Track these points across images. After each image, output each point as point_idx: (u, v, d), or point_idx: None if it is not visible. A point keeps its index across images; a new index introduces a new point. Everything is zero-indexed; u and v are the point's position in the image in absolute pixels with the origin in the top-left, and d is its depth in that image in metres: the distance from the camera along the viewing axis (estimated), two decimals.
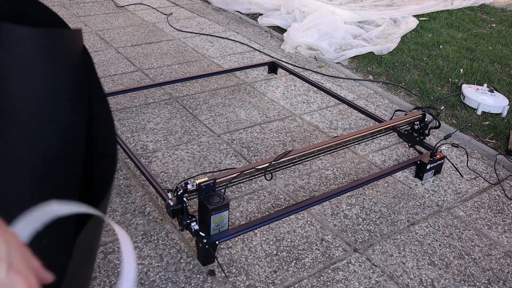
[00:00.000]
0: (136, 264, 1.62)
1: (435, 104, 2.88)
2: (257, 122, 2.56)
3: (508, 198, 2.09)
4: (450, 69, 3.36)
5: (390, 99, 2.92)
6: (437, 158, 2.14)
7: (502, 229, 1.91)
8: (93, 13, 4.22)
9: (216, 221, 1.58)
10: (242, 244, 1.73)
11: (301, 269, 1.64)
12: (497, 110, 2.80)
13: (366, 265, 1.68)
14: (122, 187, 1.98)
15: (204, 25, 4.06)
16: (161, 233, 1.76)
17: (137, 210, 1.86)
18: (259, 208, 1.92)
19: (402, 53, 3.62)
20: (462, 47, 3.80)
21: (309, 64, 3.35)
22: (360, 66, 3.38)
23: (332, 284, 1.59)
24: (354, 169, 2.21)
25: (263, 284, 1.57)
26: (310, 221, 1.87)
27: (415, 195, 2.07)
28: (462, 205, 2.03)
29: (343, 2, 4.51)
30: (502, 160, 2.34)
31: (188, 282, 1.56)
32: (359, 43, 3.60)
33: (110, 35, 3.71)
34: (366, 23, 4.09)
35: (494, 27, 4.41)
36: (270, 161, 1.79)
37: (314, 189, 2.05)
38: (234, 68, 2.97)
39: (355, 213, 1.93)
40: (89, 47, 3.44)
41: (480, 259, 1.75)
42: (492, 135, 2.57)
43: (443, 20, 4.47)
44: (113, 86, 2.86)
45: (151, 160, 2.17)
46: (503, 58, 3.62)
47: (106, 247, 1.68)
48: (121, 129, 2.41)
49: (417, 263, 1.70)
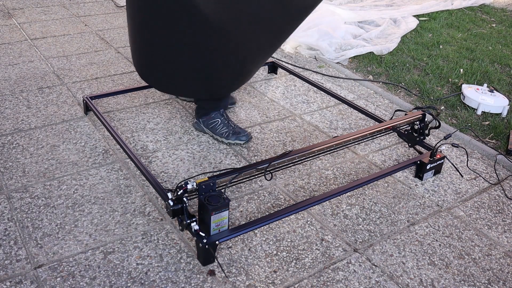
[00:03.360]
0: (136, 264, 1.62)
1: (435, 104, 2.88)
2: (257, 122, 2.56)
3: (508, 198, 2.09)
4: (450, 69, 3.36)
5: (390, 99, 2.92)
6: (437, 158, 2.14)
7: (502, 229, 1.91)
8: (93, 13, 4.22)
9: (216, 221, 1.58)
10: (242, 244, 1.73)
11: (301, 269, 1.64)
12: (497, 110, 2.80)
13: (366, 265, 1.68)
14: (122, 187, 1.99)
15: None
16: (161, 233, 1.76)
17: (137, 210, 1.86)
18: (259, 208, 1.92)
19: (402, 53, 3.62)
20: (462, 47, 3.80)
21: (309, 64, 3.35)
22: (360, 66, 3.38)
23: (332, 284, 1.59)
24: (354, 169, 2.21)
25: (263, 284, 1.57)
26: (310, 221, 1.87)
27: (415, 195, 2.07)
28: (462, 205, 2.03)
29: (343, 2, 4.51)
30: (502, 160, 2.34)
31: (188, 282, 1.56)
32: (359, 43, 3.60)
33: (110, 35, 3.71)
34: (366, 23, 4.09)
35: (494, 27, 4.41)
36: (270, 161, 1.79)
37: (314, 189, 2.05)
38: None
39: (355, 213, 1.93)
40: (89, 47, 3.44)
41: (480, 259, 1.75)
42: (492, 135, 2.57)
43: (443, 20, 4.47)
44: (113, 86, 2.86)
45: (151, 160, 2.17)
46: (503, 58, 3.62)
47: (106, 247, 1.68)
48: (121, 129, 2.41)
49: (417, 263, 1.70)
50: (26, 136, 2.31)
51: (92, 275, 1.56)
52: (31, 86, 2.82)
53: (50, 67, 3.08)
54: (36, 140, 2.28)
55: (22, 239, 1.69)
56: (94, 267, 1.60)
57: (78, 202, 1.89)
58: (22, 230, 1.74)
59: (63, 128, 2.40)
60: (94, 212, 1.84)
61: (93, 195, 1.93)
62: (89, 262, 1.62)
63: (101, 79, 2.96)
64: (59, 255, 1.64)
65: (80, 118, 2.49)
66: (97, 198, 1.92)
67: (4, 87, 2.79)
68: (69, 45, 3.45)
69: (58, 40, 3.55)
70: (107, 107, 2.61)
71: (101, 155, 2.20)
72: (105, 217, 1.82)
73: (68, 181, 2.01)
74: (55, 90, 2.78)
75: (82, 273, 1.57)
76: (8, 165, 2.09)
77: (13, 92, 2.73)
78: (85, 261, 1.62)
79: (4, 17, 3.98)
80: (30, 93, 2.73)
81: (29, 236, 1.71)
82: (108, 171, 2.08)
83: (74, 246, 1.68)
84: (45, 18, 4.01)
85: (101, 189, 1.97)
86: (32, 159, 2.13)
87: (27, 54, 3.26)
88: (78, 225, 1.77)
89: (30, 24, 3.84)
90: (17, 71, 3.01)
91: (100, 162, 2.14)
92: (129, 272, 1.59)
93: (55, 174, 2.05)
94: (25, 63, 3.12)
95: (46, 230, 1.74)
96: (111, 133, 2.18)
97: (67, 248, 1.67)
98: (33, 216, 1.80)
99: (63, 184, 1.99)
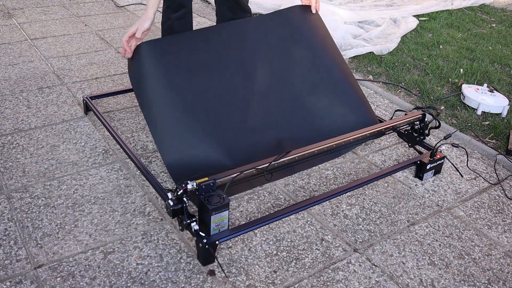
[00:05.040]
0: (136, 264, 1.62)
1: (435, 104, 2.88)
2: None
3: (508, 198, 2.10)
4: (450, 69, 3.36)
5: (390, 99, 2.92)
6: (437, 158, 2.14)
7: (502, 229, 1.91)
8: (93, 13, 4.22)
9: (216, 221, 1.58)
10: (242, 244, 1.73)
11: (301, 269, 1.64)
12: (497, 110, 2.80)
13: (366, 265, 1.68)
14: (122, 187, 1.99)
15: (204, 25, 4.06)
16: (161, 233, 1.76)
17: (137, 210, 1.86)
18: (259, 208, 1.92)
19: (402, 53, 3.62)
20: (462, 47, 3.80)
21: None
22: (360, 66, 3.38)
23: (332, 284, 1.59)
24: (354, 169, 2.21)
25: (263, 284, 1.57)
26: (310, 221, 1.87)
27: (415, 195, 2.07)
28: (462, 205, 2.03)
29: (343, 2, 4.51)
30: (502, 160, 2.34)
31: (188, 282, 1.56)
32: (359, 43, 3.60)
33: (110, 35, 3.71)
34: (366, 23, 4.09)
35: (494, 27, 4.41)
36: (270, 161, 1.79)
37: (314, 189, 2.05)
38: None
39: (355, 213, 1.93)
40: (89, 47, 3.44)
41: (480, 259, 1.75)
42: (492, 135, 2.57)
43: (443, 20, 4.47)
44: (113, 86, 2.86)
45: (151, 160, 2.17)
46: (503, 58, 3.62)
47: (106, 247, 1.68)
48: (121, 129, 2.41)
49: (417, 263, 1.70)
50: (26, 136, 2.31)
51: (92, 275, 1.56)
52: (31, 86, 2.82)
53: (50, 67, 3.08)
54: (36, 140, 2.28)
55: (22, 239, 1.69)
56: (94, 267, 1.60)
57: (78, 202, 1.89)
58: (22, 230, 1.74)
59: (63, 128, 2.40)
60: (94, 212, 1.84)
61: (93, 195, 1.93)
62: (89, 262, 1.62)
63: (101, 79, 2.96)
64: (59, 255, 1.64)
65: (80, 118, 2.49)
66: (97, 198, 1.92)
67: (4, 87, 2.79)
68: (69, 45, 3.45)
69: (58, 40, 3.55)
70: (107, 107, 2.61)
71: (101, 155, 2.20)
72: (105, 217, 1.82)
73: (68, 181, 2.01)
74: (55, 90, 2.78)
75: (82, 273, 1.57)
76: (8, 165, 2.09)
77: (13, 92, 2.73)
78: (85, 261, 1.62)
79: (4, 17, 3.98)
80: (30, 93, 2.73)
81: (29, 236, 1.71)
82: (108, 171, 2.08)
83: (74, 246, 1.68)
84: (45, 18, 4.01)
85: (101, 189, 1.97)
86: (32, 159, 2.14)
87: (27, 54, 3.27)
88: (78, 225, 1.77)
89: (30, 24, 3.84)
90: (17, 71, 3.01)
91: (100, 162, 2.14)
92: (129, 272, 1.59)
93: (55, 174, 2.05)
94: (25, 63, 3.12)
95: (46, 230, 1.74)
96: (111, 133, 2.19)
97: (67, 248, 1.67)
98: (33, 216, 1.80)
99: (63, 184, 1.99)
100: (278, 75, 2.18)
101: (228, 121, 2.01)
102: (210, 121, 1.97)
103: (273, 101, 2.12)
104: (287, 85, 2.18)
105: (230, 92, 2.06)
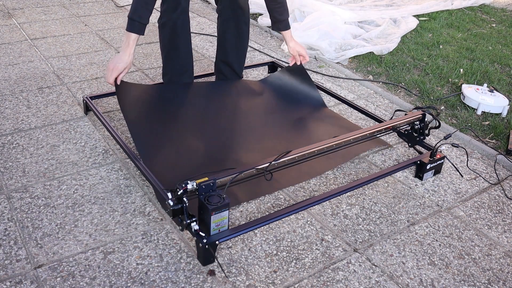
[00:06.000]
0: (136, 264, 1.62)
1: (435, 104, 2.88)
2: None
3: (508, 198, 2.10)
4: (450, 69, 3.36)
5: (390, 99, 2.92)
6: (437, 158, 2.14)
7: (502, 229, 1.91)
8: (93, 13, 4.22)
9: (216, 221, 1.58)
10: (242, 244, 1.73)
11: (301, 269, 1.64)
12: (497, 110, 2.80)
13: (366, 265, 1.68)
14: (122, 187, 1.99)
15: (204, 25, 4.06)
16: (161, 233, 1.76)
17: (137, 210, 1.86)
18: (259, 208, 1.92)
19: (402, 53, 3.62)
20: (462, 47, 3.80)
21: (309, 64, 3.35)
22: (360, 66, 3.38)
23: (332, 284, 1.59)
24: (354, 169, 2.21)
25: (263, 284, 1.57)
26: (310, 221, 1.87)
27: (415, 195, 2.07)
28: (462, 205, 2.03)
29: (343, 2, 4.51)
30: (502, 160, 2.34)
31: (188, 282, 1.56)
32: (359, 43, 3.60)
33: (110, 35, 3.71)
34: (366, 23, 4.09)
35: (494, 27, 4.41)
36: (270, 161, 1.79)
37: (314, 189, 2.05)
38: None
39: (355, 213, 1.93)
40: (89, 47, 3.44)
41: (480, 259, 1.75)
42: (492, 135, 2.57)
43: (443, 20, 4.47)
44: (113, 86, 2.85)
45: None
46: (503, 58, 3.62)
47: (106, 247, 1.68)
48: (121, 129, 2.41)
49: (417, 263, 1.70)
50: (26, 136, 2.31)
51: (92, 275, 1.56)
52: (31, 86, 2.82)
53: (50, 67, 3.08)
54: (36, 140, 2.28)
55: (22, 239, 1.69)
56: (94, 267, 1.60)
57: (78, 202, 1.89)
58: (22, 230, 1.74)
59: (63, 128, 2.40)
60: (94, 212, 1.84)
61: (93, 195, 1.93)
62: (89, 262, 1.62)
63: (101, 79, 2.96)
64: (59, 255, 1.64)
65: (80, 118, 2.49)
66: (97, 198, 1.92)
67: (4, 87, 2.79)
68: (69, 45, 3.45)
69: (58, 40, 3.55)
70: (107, 107, 2.61)
71: (101, 155, 2.20)
72: (105, 217, 1.82)
73: (68, 181, 2.01)
74: (55, 90, 2.78)
75: (82, 273, 1.57)
76: (8, 165, 2.09)
77: (13, 92, 2.73)
78: (85, 261, 1.62)
79: (4, 17, 3.98)
80: (30, 93, 2.73)
81: (29, 236, 1.71)
82: (108, 171, 2.08)
83: (74, 246, 1.68)
84: (45, 18, 4.01)
85: (101, 189, 1.97)
86: (32, 159, 2.14)
87: (27, 54, 3.27)
88: (78, 225, 1.77)
89: (30, 24, 3.84)
90: (17, 71, 3.01)
91: (100, 162, 2.14)
92: (129, 272, 1.59)
93: (55, 174, 2.05)
94: (25, 63, 3.12)
95: (46, 230, 1.74)
96: (111, 133, 2.19)
97: (67, 248, 1.67)
98: (33, 216, 1.80)
99: (63, 184, 1.99)
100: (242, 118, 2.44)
101: (199, 145, 2.20)
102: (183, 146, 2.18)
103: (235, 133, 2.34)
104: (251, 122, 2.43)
105: (198, 127, 2.31)
